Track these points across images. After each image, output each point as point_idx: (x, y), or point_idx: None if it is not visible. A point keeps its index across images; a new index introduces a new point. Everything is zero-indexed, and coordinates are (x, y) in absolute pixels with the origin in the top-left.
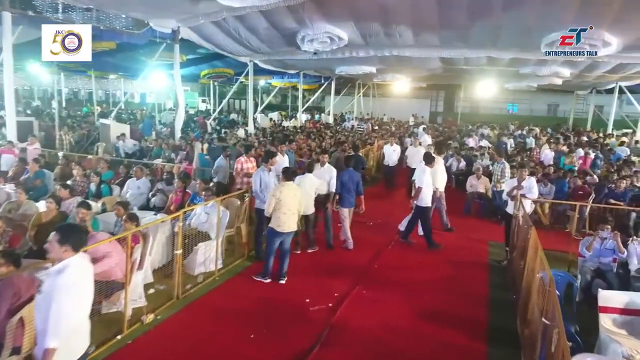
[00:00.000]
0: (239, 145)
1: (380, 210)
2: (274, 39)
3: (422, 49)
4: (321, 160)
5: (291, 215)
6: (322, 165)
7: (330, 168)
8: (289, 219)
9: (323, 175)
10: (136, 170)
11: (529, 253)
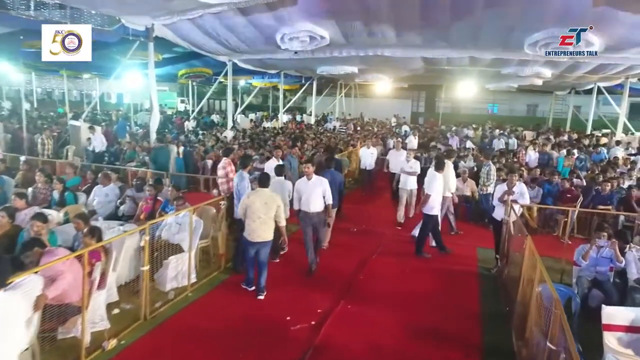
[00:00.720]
0: (217, 148)
1: (364, 215)
2: (253, 38)
3: (404, 48)
4: (306, 172)
5: (262, 223)
6: (308, 179)
7: (320, 180)
8: (258, 228)
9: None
10: (102, 177)
11: (525, 263)
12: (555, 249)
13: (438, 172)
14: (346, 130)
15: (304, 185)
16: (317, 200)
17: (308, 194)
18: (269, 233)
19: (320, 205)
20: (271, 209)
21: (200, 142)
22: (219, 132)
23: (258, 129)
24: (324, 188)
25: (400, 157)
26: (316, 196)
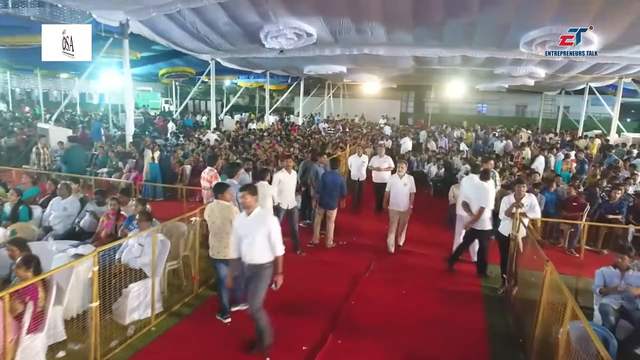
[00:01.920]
0: (198, 152)
1: (354, 226)
2: (236, 35)
3: (394, 47)
4: (241, 201)
5: (222, 240)
6: (248, 213)
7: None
8: (218, 244)
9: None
10: (61, 188)
11: (544, 295)
12: (564, 263)
13: (485, 182)
14: (334, 131)
15: (242, 223)
16: (259, 247)
17: (247, 236)
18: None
19: (262, 255)
20: (228, 222)
21: (179, 145)
22: (201, 134)
23: (243, 131)
24: (269, 229)
25: (383, 164)
26: (259, 241)
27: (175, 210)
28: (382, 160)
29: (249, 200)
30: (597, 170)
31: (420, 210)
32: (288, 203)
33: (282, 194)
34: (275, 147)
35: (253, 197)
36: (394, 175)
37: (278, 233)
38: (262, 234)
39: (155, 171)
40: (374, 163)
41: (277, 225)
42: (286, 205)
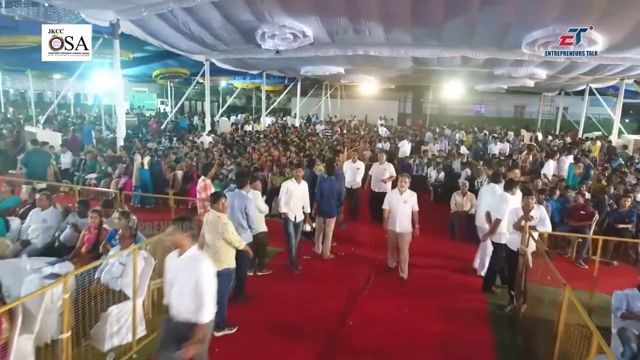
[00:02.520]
0: (190, 156)
1: (352, 236)
2: (230, 36)
3: (393, 47)
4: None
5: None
6: (180, 253)
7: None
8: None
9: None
10: (40, 198)
11: (561, 322)
12: (573, 276)
13: (509, 193)
14: (332, 133)
15: (172, 264)
16: (187, 300)
17: (176, 282)
18: (223, 261)
19: (191, 308)
20: (216, 232)
21: (172, 149)
22: (196, 136)
23: (239, 133)
24: (197, 278)
25: (382, 172)
26: (187, 292)
27: (164, 220)
28: (382, 168)
29: (178, 239)
30: (601, 175)
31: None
32: (296, 215)
33: (289, 205)
34: (271, 150)
35: (184, 235)
36: (394, 191)
37: (209, 288)
38: (190, 283)
39: (145, 177)
40: (373, 171)
41: (209, 277)
42: (294, 217)
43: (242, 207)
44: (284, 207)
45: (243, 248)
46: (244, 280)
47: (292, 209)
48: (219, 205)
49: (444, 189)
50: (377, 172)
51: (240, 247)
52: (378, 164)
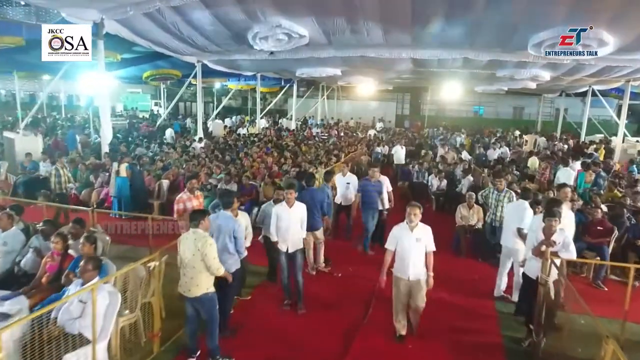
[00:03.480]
0: (177, 163)
1: (348, 255)
2: (222, 36)
3: (392, 48)
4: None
5: (186, 275)
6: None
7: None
8: (183, 279)
9: None
10: (1, 217)
11: None
12: (593, 299)
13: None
14: (328, 137)
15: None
16: None
17: None
18: (199, 288)
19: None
20: (198, 251)
21: (160, 154)
22: (188, 140)
23: (233, 137)
24: None
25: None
26: None
27: (139, 239)
28: (375, 183)
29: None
30: (611, 185)
31: None
32: (289, 245)
33: (280, 232)
34: (264, 157)
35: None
36: (402, 226)
37: None
38: None
39: (122, 187)
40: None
41: None
42: (286, 248)
43: (230, 231)
44: (274, 235)
45: (222, 275)
46: (228, 311)
47: (283, 237)
48: (204, 223)
49: (445, 197)
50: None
51: (217, 273)
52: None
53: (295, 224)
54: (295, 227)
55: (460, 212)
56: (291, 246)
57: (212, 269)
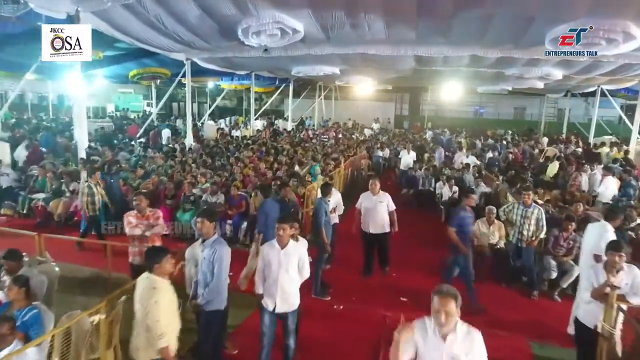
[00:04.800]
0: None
1: (350, 280)
2: (210, 31)
3: (394, 45)
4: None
5: (139, 335)
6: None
7: None
8: (134, 339)
9: None
10: None
11: None
12: None
13: None
14: (327, 139)
15: None
16: None
17: None
18: (139, 353)
19: None
20: (141, 309)
21: (143, 159)
22: (176, 142)
23: (225, 139)
24: None
25: (378, 206)
26: None
27: (98, 261)
28: (377, 199)
29: None
30: None
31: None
32: (277, 301)
33: (266, 283)
34: (257, 162)
35: None
36: None
37: None
38: None
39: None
40: (363, 204)
41: None
42: (272, 305)
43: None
44: (259, 286)
45: (163, 348)
46: None
47: (270, 290)
48: (163, 266)
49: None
50: (370, 204)
51: (157, 344)
52: (370, 194)
53: (288, 272)
54: (289, 276)
55: (478, 229)
56: (281, 303)
57: (152, 335)
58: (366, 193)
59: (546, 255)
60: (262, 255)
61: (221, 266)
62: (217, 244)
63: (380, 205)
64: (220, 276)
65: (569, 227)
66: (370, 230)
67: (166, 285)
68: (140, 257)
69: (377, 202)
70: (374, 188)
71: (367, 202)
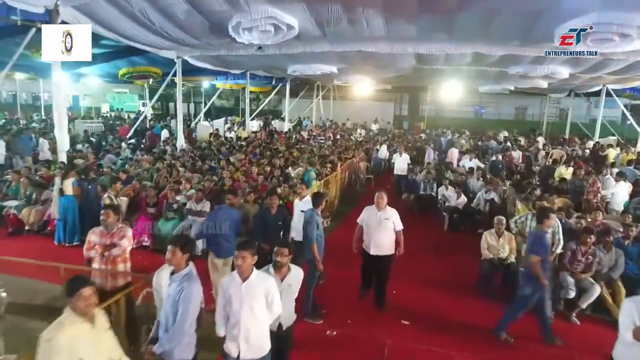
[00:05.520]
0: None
1: (347, 302)
2: (200, 27)
3: (394, 42)
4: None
5: None
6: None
7: None
8: None
9: None
10: None
11: None
12: None
13: None
14: (324, 140)
15: None
16: None
17: None
18: None
19: None
20: None
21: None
22: (167, 144)
23: (219, 141)
24: None
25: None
26: None
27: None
28: (382, 215)
29: None
30: None
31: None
32: (241, 346)
33: (229, 323)
34: (247, 164)
35: None
36: None
37: None
38: None
39: (68, 208)
40: (366, 220)
41: None
42: (237, 352)
43: (177, 297)
44: (220, 327)
45: None
46: None
47: (232, 333)
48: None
49: (462, 217)
50: (372, 222)
51: None
52: (374, 208)
53: (253, 310)
54: (254, 316)
55: (486, 241)
56: (247, 349)
57: None
58: (370, 207)
59: (562, 271)
60: (222, 290)
61: (187, 309)
62: (186, 280)
63: (385, 222)
64: (184, 321)
65: (587, 241)
66: (371, 251)
67: (77, 326)
68: (100, 279)
69: (382, 218)
70: (380, 203)
71: (370, 219)
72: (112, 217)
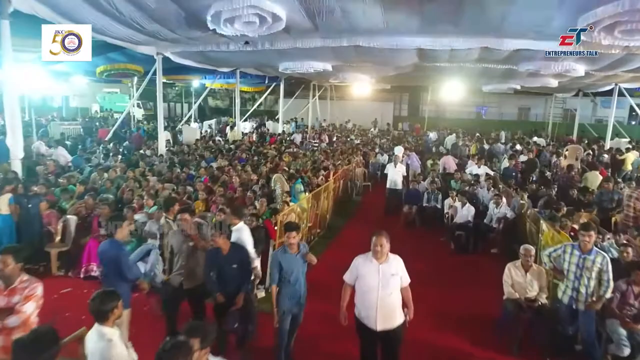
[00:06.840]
0: (89, 195)
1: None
2: (175, 19)
3: (394, 36)
4: None
5: None
6: None
7: None
8: None
9: None
10: None
11: None
12: None
13: None
14: (319, 144)
15: None
16: None
17: None
18: None
19: None
20: None
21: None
22: (149, 148)
23: (207, 144)
24: None
25: (390, 284)
26: None
27: None
28: (383, 271)
29: None
30: None
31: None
32: None
33: None
34: (230, 173)
35: None
36: None
37: None
38: None
39: (3, 230)
40: (360, 275)
41: None
42: None
43: None
44: None
45: None
46: None
47: None
48: None
49: (474, 235)
50: (371, 282)
51: None
52: (372, 259)
53: None
54: None
55: (511, 276)
56: None
57: None
58: (365, 257)
59: (611, 319)
60: None
61: None
62: None
63: (392, 281)
64: None
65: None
66: (377, 326)
67: None
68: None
69: (388, 275)
70: (379, 252)
71: (368, 277)
72: (11, 266)
